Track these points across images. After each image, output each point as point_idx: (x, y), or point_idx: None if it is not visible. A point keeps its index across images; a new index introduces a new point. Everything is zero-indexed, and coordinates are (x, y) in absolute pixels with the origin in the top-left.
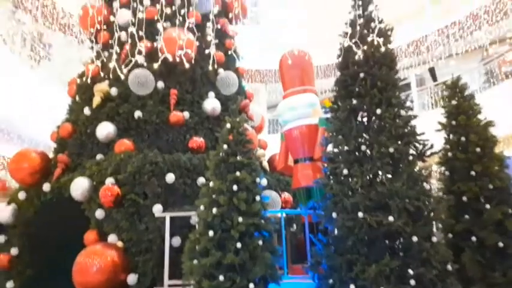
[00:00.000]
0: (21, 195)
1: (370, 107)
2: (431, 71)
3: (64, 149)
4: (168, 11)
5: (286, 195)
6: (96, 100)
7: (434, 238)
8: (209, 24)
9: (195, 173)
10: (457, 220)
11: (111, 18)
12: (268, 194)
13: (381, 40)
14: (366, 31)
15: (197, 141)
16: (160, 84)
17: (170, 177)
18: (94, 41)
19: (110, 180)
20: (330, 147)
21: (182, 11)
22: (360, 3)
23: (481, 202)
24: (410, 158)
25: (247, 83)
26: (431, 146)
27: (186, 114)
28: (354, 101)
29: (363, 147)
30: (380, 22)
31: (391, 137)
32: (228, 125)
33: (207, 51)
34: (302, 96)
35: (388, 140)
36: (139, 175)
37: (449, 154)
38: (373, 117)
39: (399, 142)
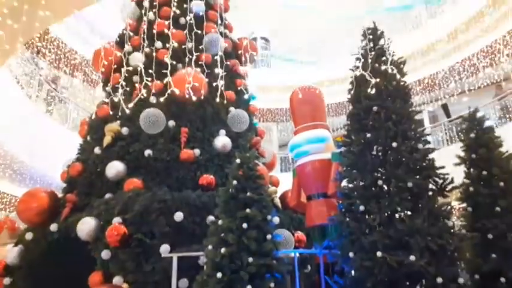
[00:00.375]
0: (28, 236)
1: (385, 140)
2: (445, 107)
3: (73, 189)
4: (178, 51)
5: (300, 233)
6: (107, 139)
7: (460, 279)
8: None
9: (204, 211)
10: (483, 260)
11: (124, 59)
12: (280, 233)
13: (394, 71)
14: (377, 64)
15: (207, 178)
16: (171, 123)
17: (179, 216)
18: (106, 82)
19: (117, 220)
20: (344, 183)
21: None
22: (371, 37)
23: (508, 240)
24: (430, 193)
25: (259, 122)
26: (452, 180)
27: (197, 151)
28: (368, 135)
29: (380, 182)
30: (392, 55)
31: (409, 171)
32: (238, 160)
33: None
34: (314, 132)
35: (406, 174)
36: (147, 214)
37: (471, 189)
38: (389, 151)
39: (418, 176)
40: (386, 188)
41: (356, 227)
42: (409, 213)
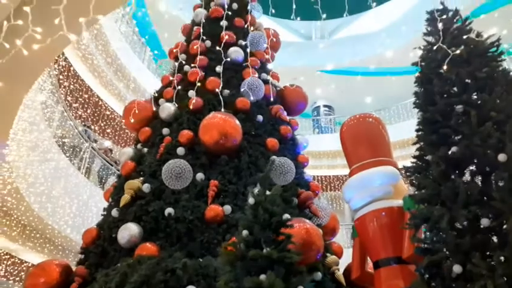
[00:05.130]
0: None
1: (483, 155)
2: None
3: (87, 259)
4: (213, 99)
5: None
6: (125, 198)
7: None
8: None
9: None
10: None
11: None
12: None
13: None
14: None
15: None
16: (200, 176)
17: None
18: (137, 139)
19: None
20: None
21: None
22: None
23: None
24: None
25: (327, 191)
26: None
27: (227, 208)
28: (453, 149)
29: (485, 222)
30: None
31: None
32: (252, 200)
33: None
34: (375, 170)
35: None
36: (147, 287)
37: None
38: (493, 170)
39: None
40: (496, 232)
41: None
42: None
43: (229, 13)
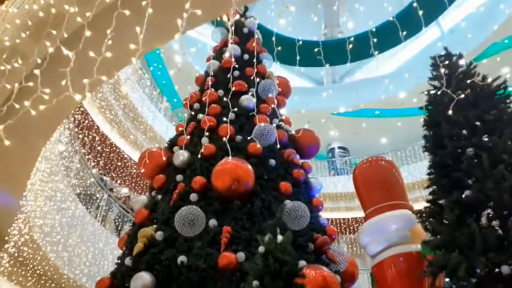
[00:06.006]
0: None
1: (499, 199)
2: None
3: None
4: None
5: None
6: (138, 247)
7: None
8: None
9: None
10: None
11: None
12: None
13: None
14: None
15: None
16: (213, 223)
17: None
18: (151, 187)
19: None
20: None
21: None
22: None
23: None
24: None
25: (345, 234)
26: None
27: (241, 255)
28: (467, 192)
29: (506, 270)
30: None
31: None
32: (262, 249)
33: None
34: (390, 214)
35: None
36: None
37: None
38: (511, 215)
39: None
40: None
41: None
42: None
43: (240, 63)
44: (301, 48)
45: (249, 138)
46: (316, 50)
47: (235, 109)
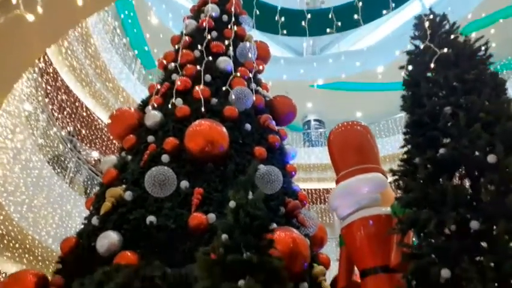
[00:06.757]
0: None
1: (472, 157)
2: None
3: (64, 268)
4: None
5: None
6: (106, 206)
7: None
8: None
9: None
10: None
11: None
12: None
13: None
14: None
15: None
16: (184, 184)
17: None
18: (121, 147)
19: None
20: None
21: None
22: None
23: None
24: None
25: (318, 204)
26: None
27: (211, 216)
28: (442, 150)
29: (474, 225)
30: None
31: None
32: (232, 204)
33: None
34: (362, 177)
35: None
36: None
37: None
38: (483, 172)
39: None
40: (485, 235)
41: None
42: None
43: (219, 24)
44: (282, 16)
45: (225, 101)
46: (298, 19)
47: (212, 71)
